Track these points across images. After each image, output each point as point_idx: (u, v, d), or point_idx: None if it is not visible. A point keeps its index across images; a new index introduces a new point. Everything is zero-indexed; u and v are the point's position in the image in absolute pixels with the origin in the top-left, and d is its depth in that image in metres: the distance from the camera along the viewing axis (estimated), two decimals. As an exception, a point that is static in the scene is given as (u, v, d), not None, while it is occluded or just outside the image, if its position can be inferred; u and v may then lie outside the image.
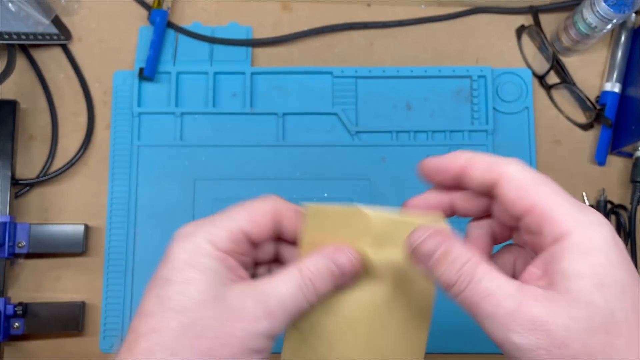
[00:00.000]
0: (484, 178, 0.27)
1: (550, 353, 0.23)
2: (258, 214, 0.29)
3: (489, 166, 0.27)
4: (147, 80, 0.55)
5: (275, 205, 0.30)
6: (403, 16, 0.57)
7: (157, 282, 0.27)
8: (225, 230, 0.28)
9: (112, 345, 0.50)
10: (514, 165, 0.27)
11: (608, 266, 0.23)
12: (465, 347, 0.51)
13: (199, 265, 0.26)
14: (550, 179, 0.26)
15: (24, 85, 0.56)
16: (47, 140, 0.55)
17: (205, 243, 0.27)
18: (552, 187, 0.26)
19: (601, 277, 0.23)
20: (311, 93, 0.55)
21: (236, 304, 0.26)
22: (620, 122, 0.55)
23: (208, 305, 0.26)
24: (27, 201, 0.54)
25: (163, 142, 0.54)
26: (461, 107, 0.55)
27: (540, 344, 0.23)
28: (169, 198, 0.53)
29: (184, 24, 0.57)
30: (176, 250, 0.27)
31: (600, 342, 0.23)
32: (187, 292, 0.26)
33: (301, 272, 0.27)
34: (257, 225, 0.29)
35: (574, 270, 0.23)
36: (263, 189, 0.53)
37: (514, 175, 0.26)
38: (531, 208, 0.25)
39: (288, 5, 0.58)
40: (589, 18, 0.52)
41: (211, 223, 0.28)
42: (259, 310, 0.26)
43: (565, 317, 0.23)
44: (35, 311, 0.50)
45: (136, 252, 0.52)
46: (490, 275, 0.25)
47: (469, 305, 0.25)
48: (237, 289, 0.26)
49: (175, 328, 0.25)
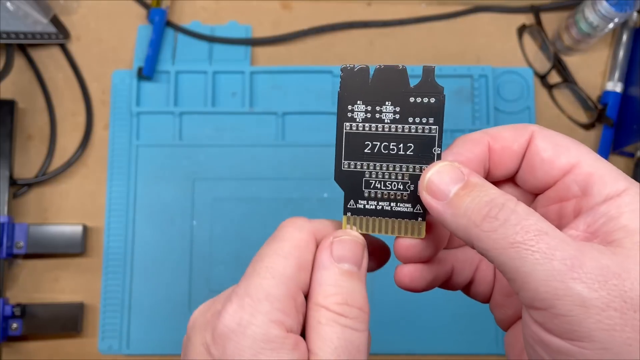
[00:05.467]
0: (518, 142, 0.23)
1: (623, 317, 0.17)
2: (302, 253, 0.23)
3: (515, 128, 0.23)
4: (146, 80, 0.54)
5: (311, 230, 0.24)
6: (403, 15, 0.57)
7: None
8: (284, 298, 0.21)
9: (111, 346, 0.50)
10: (540, 126, 0.23)
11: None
12: (465, 347, 0.50)
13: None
14: None
15: (22, 84, 0.55)
16: (46, 140, 0.54)
17: (272, 329, 0.21)
18: (589, 148, 0.22)
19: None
20: (311, 92, 0.55)
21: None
22: (622, 121, 0.54)
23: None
24: (25, 201, 0.53)
25: (162, 142, 0.54)
26: (462, 106, 0.54)
27: (612, 302, 0.17)
28: (168, 198, 0.53)
29: (183, 23, 0.57)
30: (235, 356, 0.20)
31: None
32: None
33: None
34: (308, 269, 0.23)
35: (639, 225, 0.19)
36: (263, 189, 0.53)
37: (547, 132, 0.23)
38: (575, 165, 0.22)
39: (288, 5, 0.58)
40: (591, 17, 0.52)
41: (262, 297, 0.21)
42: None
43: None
44: (33, 312, 0.50)
45: (135, 252, 0.52)
46: (538, 215, 0.19)
47: (507, 246, 0.19)
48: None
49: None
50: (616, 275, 0.18)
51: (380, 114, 0.23)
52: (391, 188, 0.24)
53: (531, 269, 0.18)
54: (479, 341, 0.50)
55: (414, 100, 0.23)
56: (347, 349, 0.21)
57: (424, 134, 0.23)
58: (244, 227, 0.52)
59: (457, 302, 0.51)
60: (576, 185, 0.22)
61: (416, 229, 0.24)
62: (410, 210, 0.24)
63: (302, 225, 0.23)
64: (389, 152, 0.24)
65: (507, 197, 0.20)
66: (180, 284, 0.51)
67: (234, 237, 0.52)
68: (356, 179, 0.24)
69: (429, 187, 0.22)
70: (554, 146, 0.22)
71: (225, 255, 0.52)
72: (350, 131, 0.24)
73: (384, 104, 0.23)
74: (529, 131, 0.23)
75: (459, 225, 0.21)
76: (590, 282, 0.18)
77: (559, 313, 0.18)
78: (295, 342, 0.21)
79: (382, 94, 0.23)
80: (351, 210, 0.24)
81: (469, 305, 0.51)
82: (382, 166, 0.24)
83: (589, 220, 0.20)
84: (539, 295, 0.18)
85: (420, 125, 0.23)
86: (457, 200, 0.21)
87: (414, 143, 0.23)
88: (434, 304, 0.51)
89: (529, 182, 0.24)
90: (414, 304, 0.51)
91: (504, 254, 0.19)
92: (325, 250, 0.23)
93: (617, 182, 0.21)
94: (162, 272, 0.51)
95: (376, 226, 0.24)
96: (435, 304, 0.51)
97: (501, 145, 0.23)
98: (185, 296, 0.51)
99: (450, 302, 0.51)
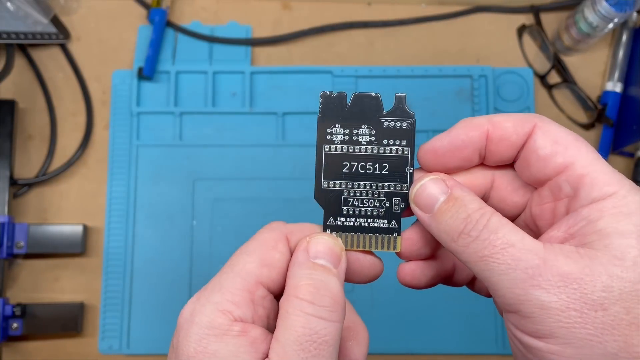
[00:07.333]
0: (518, 134, 0.23)
1: (583, 316, 0.19)
2: (268, 251, 0.24)
3: (519, 119, 0.23)
4: (146, 80, 0.54)
5: (284, 231, 0.25)
6: (403, 15, 0.57)
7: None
8: (237, 290, 0.22)
9: (111, 346, 0.50)
10: (546, 118, 0.23)
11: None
12: (465, 347, 0.50)
13: (214, 354, 0.21)
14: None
15: (23, 84, 0.55)
16: (46, 140, 0.55)
17: (218, 317, 0.22)
18: (590, 146, 0.22)
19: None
20: (311, 92, 0.55)
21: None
22: (621, 121, 0.54)
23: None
24: (25, 201, 0.53)
25: (162, 142, 0.54)
26: (462, 106, 0.54)
27: (572, 304, 0.19)
28: (168, 198, 0.53)
29: (183, 23, 0.57)
30: (183, 344, 0.22)
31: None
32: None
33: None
34: (273, 266, 0.23)
35: (615, 228, 0.20)
36: (263, 189, 0.53)
37: (549, 127, 0.23)
38: (568, 166, 0.22)
39: (288, 4, 0.58)
40: (590, 17, 0.52)
41: (215, 289, 0.23)
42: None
43: (604, 276, 0.19)
44: (33, 312, 0.50)
45: (135, 252, 0.52)
46: (509, 227, 0.21)
47: (478, 259, 0.21)
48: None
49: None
50: (577, 279, 0.19)
51: (357, 137, 0.25)
52: (368, 205, 0.25)
53: (498, 279, 0.20)
54: (479, 341, 0.50)
55: (387, 124, 0.25)
56: (311, 338, 0.21)
57: (398, 155, 0.25)
58: (244, 227, 0.52)
59: (457, 302, 0.51)
60: (568, 185, 0.22)
61: (392, 243, 0.26)
62: (386, 226, 0.25)
63: (275, 227, 0.25)
64: (366, 172, 0.25)
65: (483, 212, 0.22)
66: (180, 284, 0.51)
67: (234, 237, 0.52)
68: (335, 198, 0.26)
69: (416, 200, 0.24)
70: (553, 144, 0.22)
71: (226, 255, 0.51)
72: (329, 152, 0.25)
73: (360, 127, 0.25)
74: (532, 123, 0.23)
75: (441, 239, 0.23)
76: (549, 288, 0.19)
77: (524, 315, 0.20)
78: (243, 330, 0.22)
79: (358, 118, 0.25)
80: (331, 227, 0.26)
81: (469, 305, 0.51)
82: (360, 185, 0.25)
83: (571, 221, 0.21)
84: (506, 301, 0.20)
85: (394, 146, 0.25)
86: (440, 215, 0.23)
87: (389, 163, 0.25)
88: (434, 304, 0.51)
89: (524, 175, 0.24)
90: (414, 303, 0.51)
91: (477, 266, 0.21)
92: (302, 247, 0.24)
93: (607, 185, 0.21)
94: (162, 272, 0.51)
95: (354, 241, 0.26)
96: (435, 304, 0.51)
97: (500, 135, 0.24)
98: (185, 296, 0.51)
99: (450, 302, 0.51)
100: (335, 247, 0.24)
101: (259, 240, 0.24)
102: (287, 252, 0.24)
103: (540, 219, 0.24)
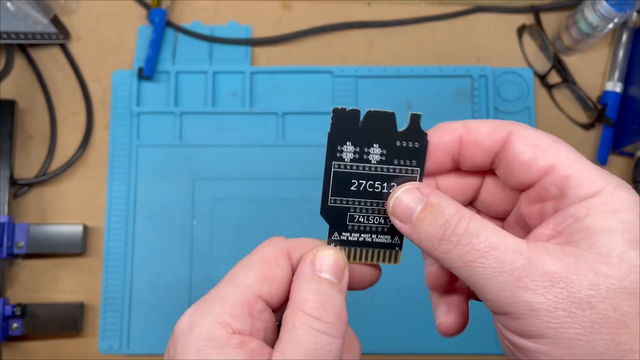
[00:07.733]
0: (492, 139, 0.23)
1: (571, 315, 0.19)
2: (269, 265, 0.24)
3: (494, 125, 0.23)
4: (146, 80, 0.55)
5: (285, 247, 0.25)
6: (403, 15, 0.57)
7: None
8: (237, 303, 0.22)
9: (111, 346, 0.50)
10: (521, 124, 0.23)
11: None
12: (465, 347, 0.50)
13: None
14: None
15: (23, 84, 0.55)
16: (46, 140, 0.55)
17: (217, 329, 0.22)
18: (569, 146, 0.22)
19: (636, 236, 0.20)
20: (311, 92, 0.55)
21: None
22: (621, 121, 0.54)
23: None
24: (25, 201, 0.53)
25: (162, 142, 0.54)
26: (462, 106, 0.54)
27: (559, 303, 0.19)
28: (168, 198, 0.53)
29: (183, 23, 0.57)
30: (182, 355, 0.22)
31: (635, 306, 0.19)
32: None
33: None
34: (274, 280, 0.23)
35: (601, 226, 0.20)
36: (263, 189, 0.53)
37: (526, 133, 0.23)
38: (552, 168, 0.22)
39: (288, 4, 0.58)
40: (590, 17, 0.52)
41: (215, 301, 0.23)
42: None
43: (590, 274, 0.19)
44: (33, 312, 0.50)
45: (135, 252, 0.52)
46: (491, 228, 0.21)
47: (463, 265, 0.21)
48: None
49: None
50: (564, 278, 0.19)
51: (367, 155, 0.24)
52: (373, 222, 0.25)
53: (485, 283, 0.20)
54: (479, 341, 0.50)
55: (399, 144, 0.24)
56: (317, 352, 0.21)
57: (407, 175, 0.25)
58: (244, 227, 0.52)
59: (457, 302, 0.51)
60: (554, 187, 0.22)
61: (393, 256, 0.26)
62: (389, 241, 0.26)
63: (276, 242, 0.25)
64: (374, 190, 0.25)
65: (461, 215, 0.22)
66: (180, 284, 0.51)
67: (234, 237, 0.52)
68: (341, 214, 0.25)
69: (394, 212, 0.24)
70: (532, 148, 0.22)
71: (225, 255, 0.52)
72: (339, 170, 0.25)
73: (371, 146, 0.24)
74: (507, 131, 0.23)
75: (424, 248, 0.23)
76: (536, 289, 0.19)
77: (513, 317, 0.20)
78: (241, 342, 0.22)
79: (370, 136, 0.24)
80: (335, 242, 0.26)
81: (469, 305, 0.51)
82: (367, 203, 0.25)
83: (558, 220, 0.22)
84: (495, 304, 0.20)
85: (404, 167, 0.25)
86: (418, 224, 0.22)
87: (397, 182, 0.25)
88: (434, 304, 0.51)
89: (509, 182, 0.24)
90: (415, 303, 0.51)
91: (463, 272, 0.21)
92: (308, 260, 0.24)
93: (593, 184, 0.21)
94: (162, 273, 0.51)
95: (357, 255, 0.26)
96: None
97: (473, 140, 0.24)
98: (185, 296, 0.51)
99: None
100: (340, 260, 0.24)
101: (260, 255, 0.24)
102: (288, 267, 0.24)
103: (530, 219, 0.24)
